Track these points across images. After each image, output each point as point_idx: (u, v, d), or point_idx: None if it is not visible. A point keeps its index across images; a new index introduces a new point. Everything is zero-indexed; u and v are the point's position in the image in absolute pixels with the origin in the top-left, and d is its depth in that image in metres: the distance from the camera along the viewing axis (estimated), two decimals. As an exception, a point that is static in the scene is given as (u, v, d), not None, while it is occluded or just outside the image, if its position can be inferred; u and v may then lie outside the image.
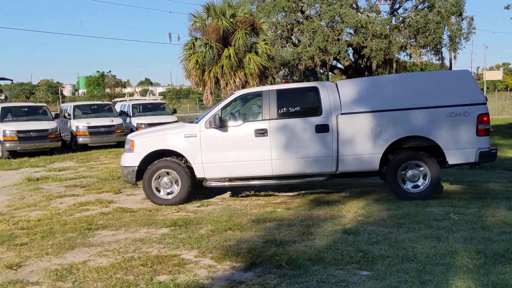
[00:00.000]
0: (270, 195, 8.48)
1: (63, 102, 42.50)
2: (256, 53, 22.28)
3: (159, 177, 8.01)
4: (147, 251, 5.42)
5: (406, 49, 29.10)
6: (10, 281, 4.62)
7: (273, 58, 24.98)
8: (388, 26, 28.02)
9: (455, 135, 7.38)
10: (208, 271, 4.73)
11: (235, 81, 21.55)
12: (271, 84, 27.67)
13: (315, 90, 7.84)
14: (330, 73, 36.00)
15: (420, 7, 27.96)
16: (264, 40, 22.98)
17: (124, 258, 5.20)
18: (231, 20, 21.72)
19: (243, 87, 20.56)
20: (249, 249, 5.25)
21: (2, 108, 16.87)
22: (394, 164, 7.53)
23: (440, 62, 30.69)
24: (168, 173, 7.99)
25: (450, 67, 36.86)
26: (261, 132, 7.69)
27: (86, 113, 18.99)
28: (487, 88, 64.73)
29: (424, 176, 7.54)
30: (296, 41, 31.62)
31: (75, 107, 18.89)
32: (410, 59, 30.92)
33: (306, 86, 8.15)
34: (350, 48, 30.65)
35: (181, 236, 5.97)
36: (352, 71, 31.19)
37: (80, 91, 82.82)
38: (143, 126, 18.57)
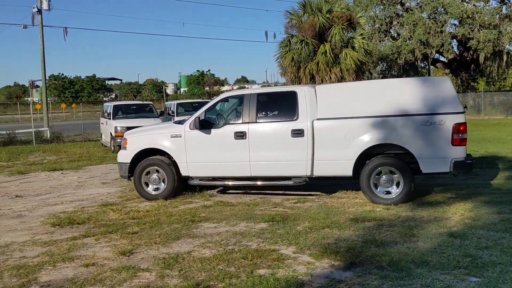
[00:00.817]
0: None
1: (166, 100, 44.98)
2: (353, 48, 21.85)
3: (149, 173, 8.49)
4: (247, 245, 5.57)
5: (519, 39, 26.76)
6: (123, 266, 5.01)
7: (370, 53, 24.35)
8: (497, 15, 25.99)
9: (430, 144, 7.21)
10: (307, 268, 4.74)
11: (330, 77, 21.33)
12: (369, 79, 26.98)
13: (293, 94, 7.90)
14: (432, 67, 34.23)
15: (536, -8, 25.57)
16: (362, 34, 22.46)
17: (225, 250, 5.40)
18: (328, 15, 21.49)
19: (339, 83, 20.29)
20: (348, 248, 5.18)
21: (114, 106, 18.26)
22: (367, 170, 7.46)
23: (559, 53, 27.89)
24: (156, 170, 8.44)
25: None
26: (240, 135, 7.96)
27: (188, 110, 19.86)
28: None
29: (397, 183, 7.40)
30: (395, 35, 30.51)
31: (178, 105, 19.87)
32: (523, 50, 28.42)
33: (285, 91, 8.29)
34: (455, 40, 28.91)
35: (279, 231, 6.05)
36: (457, 65, 29.41)
37: (182, 89, 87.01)
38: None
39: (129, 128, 16.86)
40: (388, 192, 7.46)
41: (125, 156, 8.70)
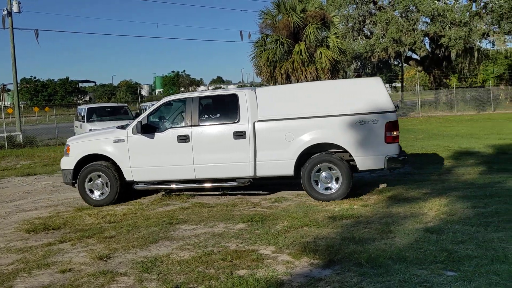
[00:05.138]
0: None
1: (141, 102, 44.54)
2: (327, 47, 22.01)
3: (92, 179, 8.39)
4: (226, 246, 5.55)
5: (489, 36, 27.42)
6: (101, 271, 4.92)
7: (344, 52, 24.57)
8: (468, 12, 26.55)
9: (365, 142, 7.57)
10: (286, 267, 4.75)
11: (306, 76, 21.45)
12: (343, 78, 27.26)
13: (234, 97, 8.08)
14: (405, 64, 34.75)
15: (504, -10, 26.16)
16: (335, 33, 22.64)
17: (204, 252, 5.36)
18: (302, 15, 21.61)
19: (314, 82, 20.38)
20: (326, 246, 5.21)
21: (87, 109, 17.96)
22: (307, 169, 7.72)
23: (527, 49, 28.61)
24: (99, 176, 8.37)
25: (539, 54, 34.24)
26: (184, 138, 8.02)
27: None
28: None
29: (337, 179, 7.71)
30: (369, 33, 30.87)
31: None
32: (493, 47, 29.13)
33: (226, 94, 8.59)
34: (427, 38, 29.40)
35: (258, 231, 6.05)
36: (429, 62, 29.92)
37: (157, 90, 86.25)
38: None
39: (104, 131, 16.73)
40: (328, 188, 7.75)
41: (68, 163, 8.58)
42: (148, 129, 8.18)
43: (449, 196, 7.30)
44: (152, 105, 19.42)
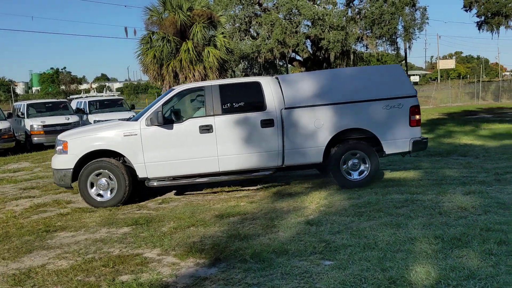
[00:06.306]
0: (233, 190, 8.46)
1: (15, 100, 40.95)
2: (215, 46, 22.10)
3: (95, 178, 7.66)
4: (109, 251, 5.31)
5: (363, 40, 29.56)
6: (-37, 289, 4.43)
7: (232, 51, 24.83)
8: (344, 17, 28.38)
9: (391, 126, 7.81)
10: (171, 269, 4.67)
11: (194, 75, 21.32)
12: (231, 77, 27.63)
13: (257, 85, 7.88)
14: (289, 65, 36.17)
15: (375, -2, 28.36)
16: (223, 33, 22.82)
17: (84, 259, 5.08)
18: (188, 13, 21.44)
19: (203, 80, 20.34)
20: (213, 245, 5.23)
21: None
22: (336, 155, 7.79)
23: (395, 52, 31.34)
24: (101, 174, 7.65)
25: (405, 57, 37.76)
26: (206, 129, 7.60)
27: (41, 111, 18.34)
28: (441, 76, 66.82)
29: (365, 165, 7.91)
30: (255, 34, 31.60)
31: (29, 105, 18.22)
32: (366, 50, 31.44)
33: (249, 81, 8.27)
34: (308, 40, 30.87)
35: (143, 234, 5.88)
36: (311, 63, 31.45)
37: (34, 88, 79.99)
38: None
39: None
40: (355, 175, 7.87)
41: (67, 161, 7.61)
42: (164, 120, 7.52)
43: (328, 189, 7.75)
44: (26, 104, 18.02)
